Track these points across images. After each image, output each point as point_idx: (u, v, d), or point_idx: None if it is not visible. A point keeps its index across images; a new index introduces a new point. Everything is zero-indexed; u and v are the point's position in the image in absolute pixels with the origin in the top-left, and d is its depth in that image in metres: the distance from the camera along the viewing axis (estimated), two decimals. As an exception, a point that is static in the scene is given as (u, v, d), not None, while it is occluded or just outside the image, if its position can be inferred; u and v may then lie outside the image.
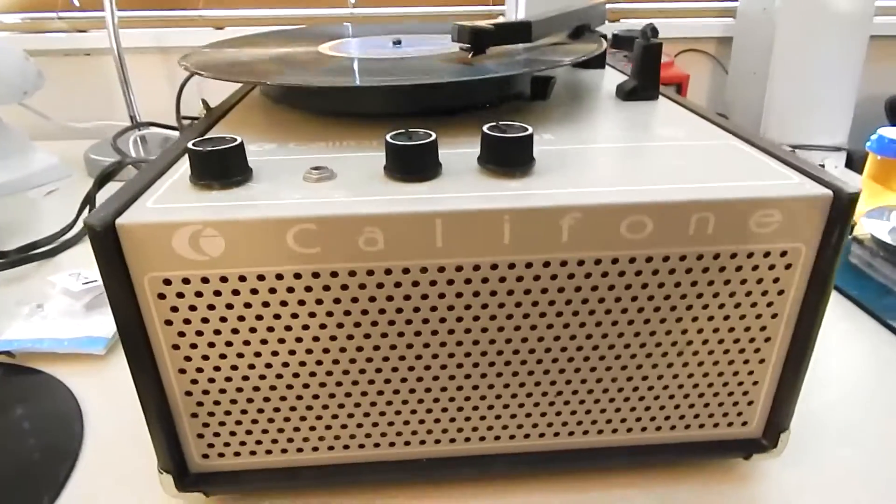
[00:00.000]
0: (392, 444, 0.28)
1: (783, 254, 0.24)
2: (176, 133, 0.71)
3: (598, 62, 0.45)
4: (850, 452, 0.31)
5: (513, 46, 0.41)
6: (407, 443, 0.28)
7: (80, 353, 0.38)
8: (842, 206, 0.23)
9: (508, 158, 0.24)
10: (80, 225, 0.53)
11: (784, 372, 0.27)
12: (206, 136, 0.25)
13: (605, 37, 0.44)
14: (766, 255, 0.24)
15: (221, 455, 0.27)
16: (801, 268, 0.25)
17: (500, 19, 0.37)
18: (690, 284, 0.24)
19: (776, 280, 0.25)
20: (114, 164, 0.51)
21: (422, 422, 0.27)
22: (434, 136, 0.24)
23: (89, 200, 0.53)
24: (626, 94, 0.36)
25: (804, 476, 0.30)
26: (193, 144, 0.23)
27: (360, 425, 0.27)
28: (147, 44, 0.82)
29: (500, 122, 0.25)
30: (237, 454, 0.27)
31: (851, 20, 0.73)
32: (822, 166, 0.74)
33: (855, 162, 0.79)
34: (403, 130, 0.25)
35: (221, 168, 0.23)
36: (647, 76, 0.35)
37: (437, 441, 0.28)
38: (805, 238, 0.24)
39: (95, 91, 0.84)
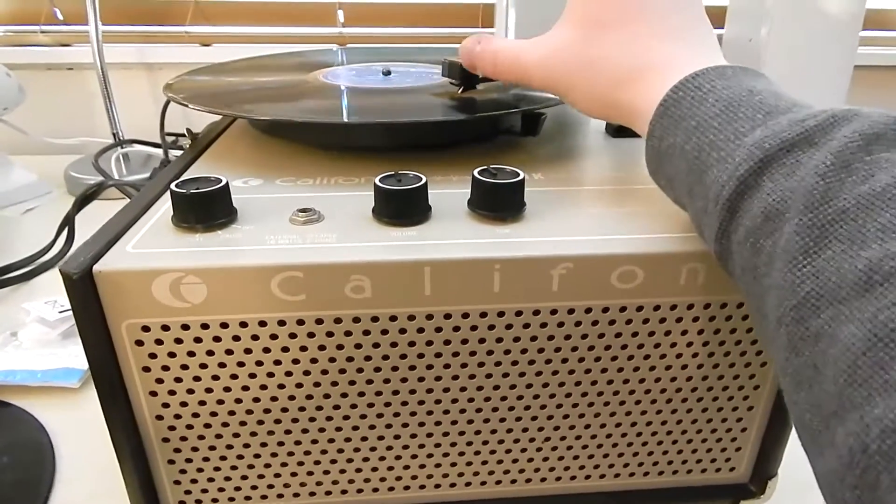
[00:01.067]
0: (375, 490, 0.27)
1: (773, 303, 0.24)
2: (159, 151, 0.70)
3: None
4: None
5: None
6: (391, 488, 0.27)
7: (54, 386, 0.37)
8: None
9: (499, 204, 0.24)
10: (58, 247, 0.52)
11: (772, 418, 0.27)
12: (190, 177, 0.24)
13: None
14: (756, 304, 0.24)
15: (199, 502, 0.26)
16: (791, 317, 0.24)
17: None
18: (680, 333, 0.24)
19: (765, 329, 0.25)
20: (95, 185, 0.50)
21: (406, 468, 0.26)
22: (424, 179, 0.24)
23: (68, 222, 0.51)
24: (616, 130, 0.36)
25: (791, 521, 0.30)
26: (177, 185, 0.23)
27: (342, 471, 0.26)
28: (131, 59, 0.81)
29: (491, 166, 0.25)
30: (214, 501, 0.26)
31: (836, 51, 0.74)
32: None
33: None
34: (393, 173, 0.24)
35: (205, 210, 0.23)
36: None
37: (422, 486, 0.27)
38: (794, 288, 0.24)
39: (77, 106, 0.82)
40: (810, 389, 0.16)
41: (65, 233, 0.52)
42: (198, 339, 0.22)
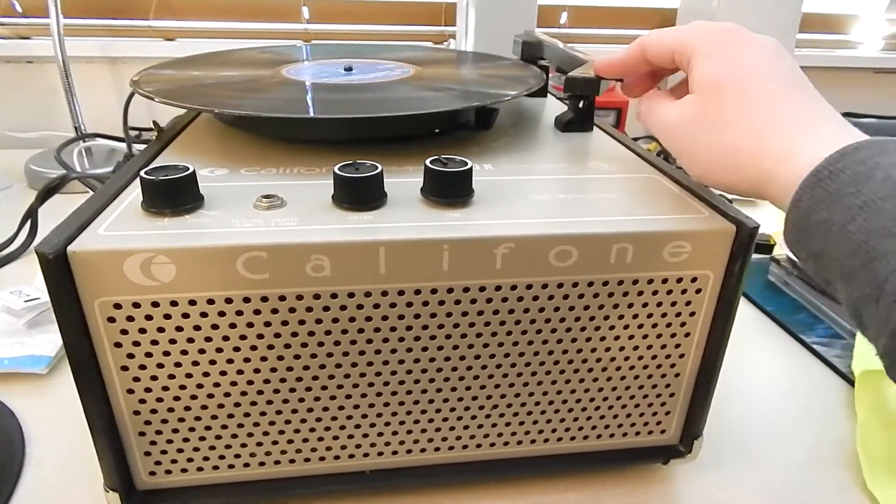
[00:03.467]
0: (337, 458, 0.29)
1: (693, 279, 0.27)
2: (122, 145, 0.70)
3: (540, 92, 0.48)
4: (761, 457, 0.34)
5: (460, 75, 0.44)
6: (351, 455, 0.29)
7: (22, 373, 0.38)
8: (744, 238, 0.26)
9: (449, 191, 0.26)
10: (20, 239, 0.52)
11: (697, 384, 0.30)
12: (158, 165, 0.25)
13: (546, 68, 0.47)
14: (679, 280, 0.27)
15: (168, 472, 0.28)
16: (710, 291, 0.27)
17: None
18: (612, 307, 0.27)
19: (688, 303, 0.28)
20: (58, 177, 0.50)
21: (365, 435, 0.28)
22: (380, 168, 0.26)
23: (31, 214, 0.52)
24: (564, 125, 0.38)
25: (716, 479, 0.33)
26: (146, 173, 0.24)
27: (305, 440, 0.28)
28: (94, 53, 0.80)
29: (443, 156, 0.27)
30: (184, 471, 0.28)
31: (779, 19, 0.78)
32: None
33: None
34: (351, 162, 0.26)
35: (173, 196, 0.24)
36: (583, 110, 0.38)
37: (380, 454, 0.29)
38: (712, 265, 0.27)
39: (37, 100, 0.82)
40: None
41: (28, 225, 0.52)
42: (167, 316, 0.24)
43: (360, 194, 0.26)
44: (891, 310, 0.18)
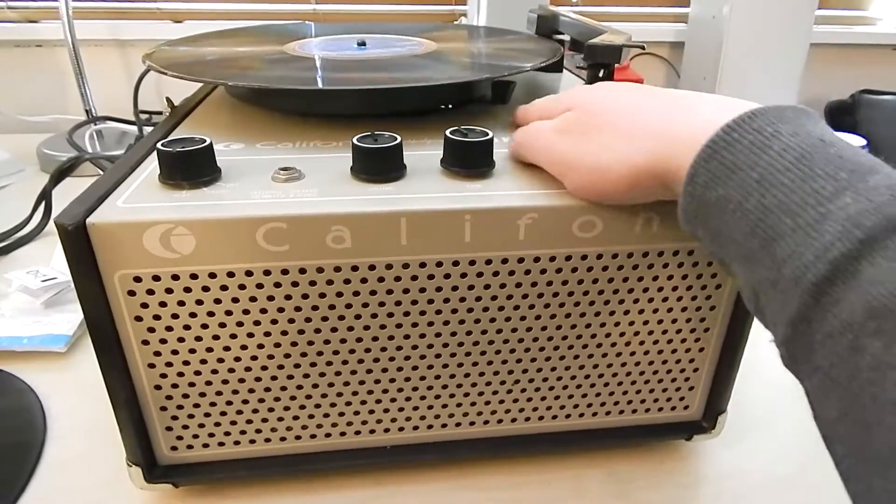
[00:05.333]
0: (357, 433, 0.29)
1: (720, 251, 0.26)
2: (133, 128, 0.70)
3: (556, 66, 0.47)
4: (783, 431, 0.34)
5: (475, 49, 0.43)
6: (371, 431, 0.29)
7: (41, 351, 0.38)
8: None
9: (470, 161, 0.26)
10: (35, 221, 0.52)
11: (721, 359, 0.29)
12: (175, 137, 0.25)
13: (562, 42, 0.46)
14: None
15: (190, 447, 0.28)
16: (736, 264, 0.27)
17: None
18: (636, 279, 0.26)
19: (714, 276, 0.27)
20: (71, 159, 0.50)
21: (385, 411, 0.28)
22: (399, 139, 0.25)
23: (45, 196, 0.52)
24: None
25: (741, 454, 0.32)
26: (163, 145, 0.24)
27: (325, 415, 0.28)
28: (102, 35, 0.80)
29: (462, 127, 0.26)
30: (205, 445, 0.28)
31: (793, 28, 0.77)
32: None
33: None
34: (370, 133, 0.26)
35: (191, 168, 0.24)
36: (602, 80, 0.37)
37: (401, 429, 0.29)
38: (739, 236, 0.26)
39: (47, 83, 0.81)
40: None
41: (42, 207, 0.52)
42: (187, 289, 0.24)
43: (379, 165, 0.25)
44: (788, 296, 0.17)
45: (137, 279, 0.23)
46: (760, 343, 0.41)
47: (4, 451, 0.31)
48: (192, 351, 0.25)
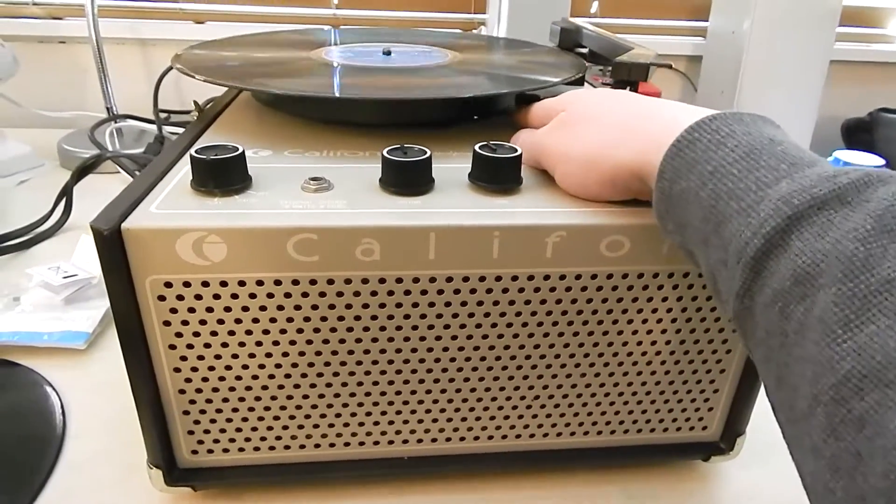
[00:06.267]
0: (376, 443, 0.29)
1: (745, 274, 0.26)
2: (153, 126, 0.71)
3: (578, 80, 0.47)
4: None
5: (501, 61, 0.43)
6: (391, 441, 0.29)
7: (61, 347, 0.38)
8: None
9: (499, 177, 0.26)
10: (55, 217, 0.53)
11: (742, 380, 0.29)
12: (206, 143, 0.25)
13: (583, 55, 0.46)
14: (731, 274, 0.26)
15: (210, 451, 0.28)
16: (761, 287, 0.27)
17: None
18: (661, 299, 0.26)
19: (738, 297, 0.27)
20: (93, 157, 0.51)
21: (405, 422, 0.28)
22: (429, 153, 0.26)
23: (66, 192, 0.52)
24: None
25: (758, 477, 0.32)
26: (196, 152, 0.24)
27: (346, 424, 0.28)
28: (125, 34, 0.81)
29: (491, 142, 0.26)
30: (226, 450, 0.28)
31: (813, 45, 0.77)
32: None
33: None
34: (399, 146, 0.26)
35: (223, 176, 0.24)
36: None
37: (420, 440, 0.29)
38: (765, 260, 0.26)
39: (68, 80, 0.82)
40: (852, 479, 0.14)
41: (62, 203, 0.53)
42: (216, 296, 0.24)
43: (409, 179, 0.25)
44: (734, 272, 0.18)
45: (168, 284, 0.23)
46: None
47: (25, 447, 0.32)
48: (218, 357, 0.25)
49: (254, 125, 0.34)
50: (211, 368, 0.25)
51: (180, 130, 0.55)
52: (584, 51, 0.48)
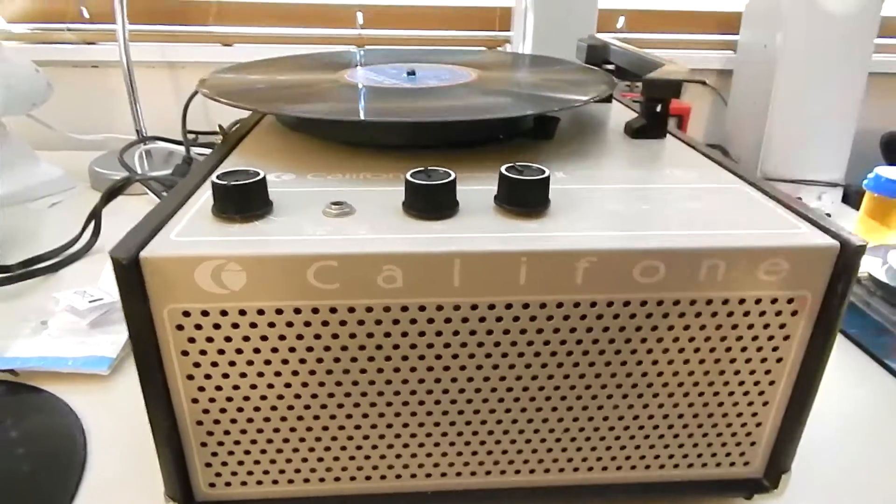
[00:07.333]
0: (398, 476, 0.28)
1: (790, 301, 0.25)
2: (181, 148, 0.72)
3: (607, 98, 0.46)
4: (847, 490, 0.31)
5: (528, 79, 0.42)
6: (413, 475, 0.28)
7: (84, 373, 0.38)
8: (848, 257, 0.24)
9: (526, 200, 0.25)
10: (84, 239, 0.53)
11: (787, 414, 0.28)
12: (228, 169, 0.25)
13: (612, 71, 0.45)
14: (774, 301, 0.25)
15: (228, 484, 0.27)
16: (807, 315, 0.25)
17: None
18: (699, 328, 0.25)
19: (782, 326, 0.25)
20: (122, 179, 0.51)
21: (428, 455, 0.27)
22: (453, 175, 0.25)
23: (95, 215, 0.53)
24: (635, 131, 0.37)
25: (804, 517, 0.30)
26: (218, 177, 0.24)
27: (367, 457, 0.27)
28: (154, 58, 0.82)
29: (518, 164, 0.26)
30: (244, 483, 0.27)
31: (851, 58, 0.75)
32: (822, 204, 0.75)
33: (850, 196, 0.80)
34: (423, 169, 0.25)
35: (244, 201, 0.24)
36: (657, 116, 0.36)
37: (444, 475, 0.28)
38: (812, 286, 0.24)
39: (99, 103, 0.84)
40: None
41: (91, 226, 0.53)
42: (235, 325, 0.23)
43: (433, 202, 0.24)
44: None
45: (186, 314, 0.23)
46: (821, 395, 0.39)
47: (48, 473, 0.31)
48: (236, 387, 0.25)
49: (278, 148, 0.34)
50: (229, 399, 0.25)
51: (208, 151, 0.56)
52: (612, 67, 0.47)
